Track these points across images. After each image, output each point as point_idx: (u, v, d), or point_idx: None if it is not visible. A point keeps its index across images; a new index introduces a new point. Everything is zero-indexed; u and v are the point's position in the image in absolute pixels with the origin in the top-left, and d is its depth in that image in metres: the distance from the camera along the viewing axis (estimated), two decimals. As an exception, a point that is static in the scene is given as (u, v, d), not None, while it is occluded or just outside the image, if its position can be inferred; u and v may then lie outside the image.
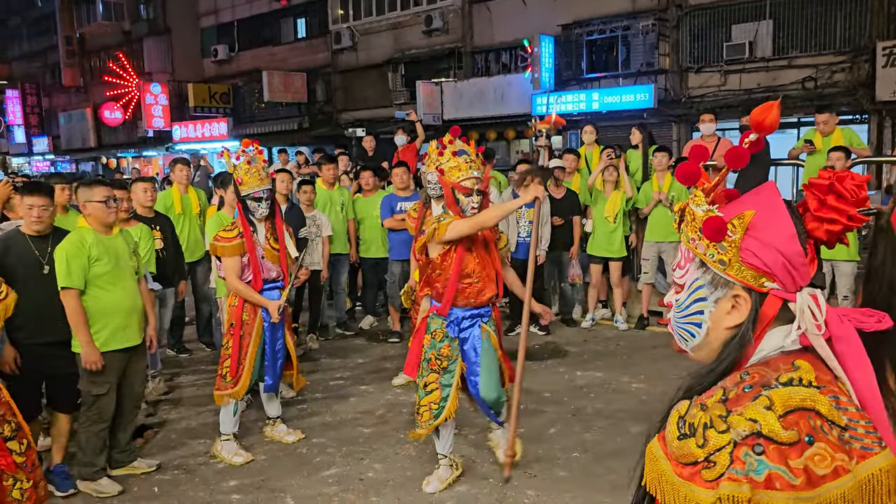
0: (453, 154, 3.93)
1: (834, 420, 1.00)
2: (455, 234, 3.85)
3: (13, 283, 3.98)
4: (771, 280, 1.13)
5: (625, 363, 6.56)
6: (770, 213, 1.15)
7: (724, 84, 15.62)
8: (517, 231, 7.39)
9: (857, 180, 1.13)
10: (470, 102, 18.71)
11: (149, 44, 29.79)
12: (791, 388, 1.03)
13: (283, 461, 4.72)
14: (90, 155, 32.32)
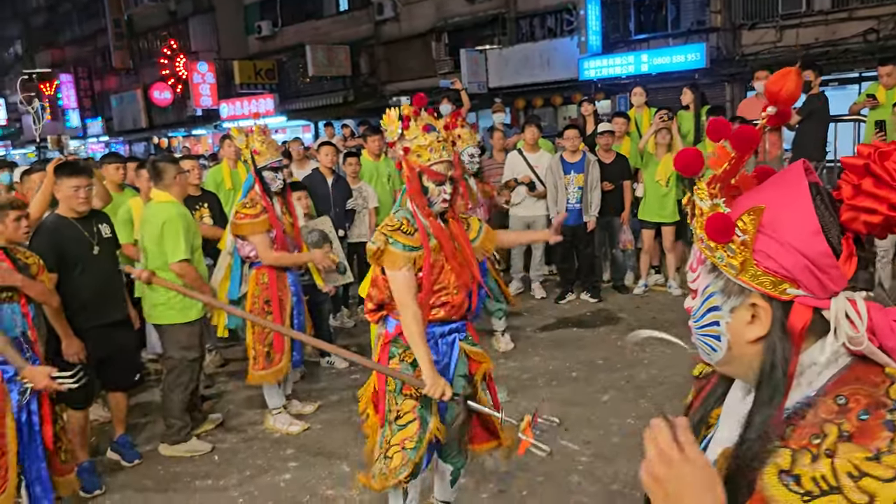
0: (423, 129, 3.01)
1: None
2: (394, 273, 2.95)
3: (70, 268, 4.08)
4: (794, 286, 0.94)
5: (679, 330, 6.41)
6: (789, 205, 0.95)
7: (779, 40, 15.02)
8: (566, 197, 7.29)
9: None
10: (515, 69, 18.41)
11: (194, 23, 30.08)
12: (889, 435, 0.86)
13: (339, 429, 4.77)
14: (142, 135, 32.98)
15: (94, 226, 4.26)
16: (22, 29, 44.84)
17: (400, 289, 2.91)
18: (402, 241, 2.91)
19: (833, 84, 13.80)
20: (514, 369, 5.67)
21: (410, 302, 2.91)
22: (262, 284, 4.61)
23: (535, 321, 6.97)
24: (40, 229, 4.15)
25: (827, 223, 0.94)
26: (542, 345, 6.25)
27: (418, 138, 3.01)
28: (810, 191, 0.95)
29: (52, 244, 4.04)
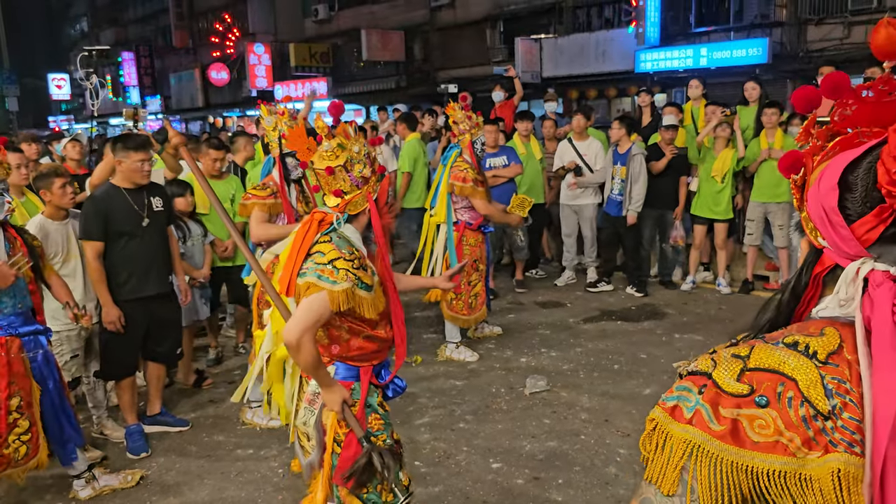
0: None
1: (811, 399, 0.88)
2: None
3: (117, 238, 4.16)
4: (821, 236, 0.98)
5: (726, 328, 6.29)
6: (841, 158, 0.95)
7: (847, 37, 14.51)
8: (610, 188, 7.38)
9: None
10: (570, 59, 18.20)
11: (253, 5, 30.48)
12: (782, 350, 0.93)
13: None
14: (198, 115, 33.63)
15: (146, 198, 4.29)
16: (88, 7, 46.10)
17: (313, 320, 2.37)
18: (366, 280, 2.45)
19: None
20: (555, 359, 5.63)
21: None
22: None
23: (579, 312, 6.90)
24: (92, 197, 4.25)
25: (858, 185, 0.93)
26: (585, 336, 6.19)
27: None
28: (869, 152, 0.93)
29: (99, 212, 4.10)
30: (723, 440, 0.89)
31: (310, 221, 2.53)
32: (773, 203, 7.00)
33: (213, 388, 5.30)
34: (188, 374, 5.33)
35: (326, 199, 2.54)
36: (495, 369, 5.46)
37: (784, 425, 0.88)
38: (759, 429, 0.88)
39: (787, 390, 0.89)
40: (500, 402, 4.83)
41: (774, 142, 6.94)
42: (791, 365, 0.91)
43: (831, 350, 0.92)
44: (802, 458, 0.87)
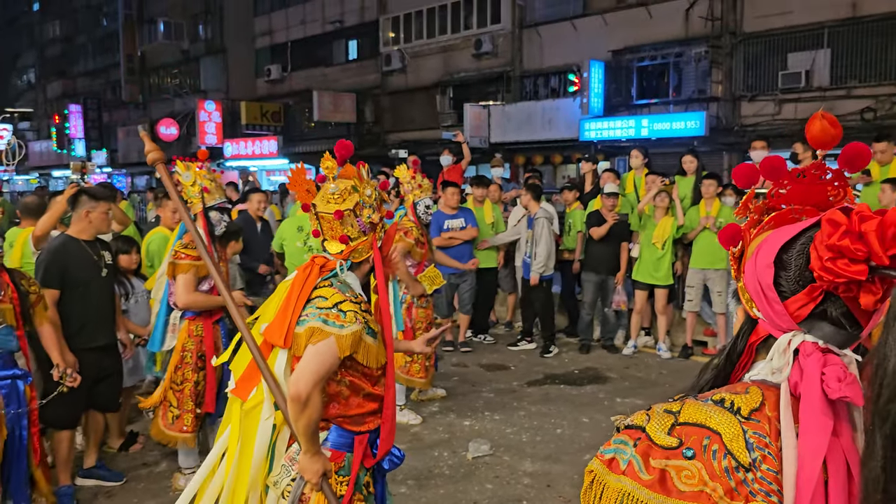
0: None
1: (734, 452, 0.95)
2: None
3: (73, 288, 4.14)
4: (756, 308, 1.06)
5: (666, 392, 6.38)
6: (777, 236, 1.03)
7: (778, 113, 15.33)
8: (525, 251, 7.72)
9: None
10: (517, 126, 18.71)
11: (205, 63, 30.66)
12: (710, 406, 1.00)
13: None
14: (145, 169, 33.21)
15: (100, 251, 4.36)
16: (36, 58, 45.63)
17: (324, 370, 2.18)
18: (372, 325, 2.32)
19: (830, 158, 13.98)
20: (498, 423, 5.61)
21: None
22: (197, 337, 4.23)
23: (523, 375, 6.92)
24: (49, 247, 4.27)
25: (792, 265, 1.01)
26: (529, 399, 6.20)
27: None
28: (802, 234, 1.02)
29: (59, 262, 4.14)
30: (651, 489, 0.94)
31: (310, 267, 2.35)
32: (712, 270, 7.22)
33: (147, 452, 5.10)
34: (118, 436, 5.12)
35: (329, 245, 2.38)
36: (438, 433, 5.41)
37: (708, 476, 0.93)
38: (685, 479, 0.94)
39: (712, 443, 0.95)
40: (442, 467, 4.77)
41: (712, 210, 7.21)
42: (716, 420, 0.97)
43: (754, 407, 0.98)
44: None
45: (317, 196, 2.41)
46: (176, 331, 4.27)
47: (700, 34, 16.21)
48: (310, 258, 2.41)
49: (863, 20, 14.20)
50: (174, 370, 4.22)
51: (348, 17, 25.11)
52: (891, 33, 13.96)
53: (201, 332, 4.26)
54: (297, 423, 2.16)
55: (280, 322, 2.26)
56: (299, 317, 2.24)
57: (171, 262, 4.19)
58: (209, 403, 4.28)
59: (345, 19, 25.24)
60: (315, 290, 2.29)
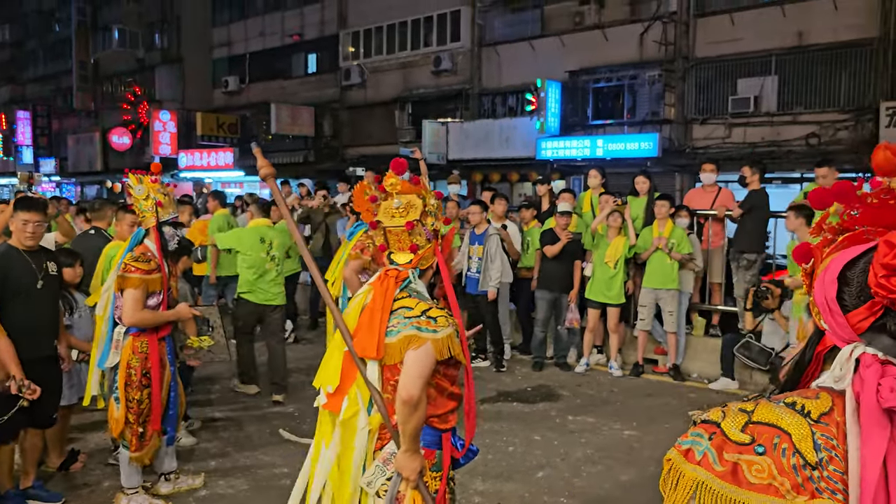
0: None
1: (802, 451, 1.03)
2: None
3: (11, 297, 4.04)
4: (823, 319, 1.13)
5: (617, 410, 6.45)
6: (843, 255, 1.12)
7: (728, 136, 15.74)
8: (467, 266, 7.84)
9: None
10: (475, 143, 18.84)
11: (161, 72, 30.19)
12: (781, 408, 1.08)
13: (267, 492, 4.61)
14: (96, 178, 32.50)
15: (42, 261, 4.28)
16: (-17, 62, 44.36)
17: (427, 372, 2.33)
18: (457, 328, 2.46)
19: (776, 182, 14.45)
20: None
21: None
22: (142, 354, 4.14)
23: (476, 393, 6.92)
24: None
25: (855, 281, 1.09)
26: (482, 417, 6.19)
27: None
28: (866, 253, 1.10)
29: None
30: (723, 479, 1.04)
31: (385, 279, 2.45)
32: (664, 290, 7.34)
33: (88, 471, 4.95)
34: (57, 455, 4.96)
35: (397, 257, 2.52)
36: (390, 451, 5.36)
37: (777, 471, 1.02)
38: (755, 472, 1.03)
39: (781, 442, 1.04)
40: (392, 486, 4.73)
41: (665, 231, 7.34)
42: (787, 421, 1.06)
43: (823, 411, 1.07)
44: (791, 501, 1.00)
45: (379, 213, 2.54)
46: (119, 347, 4.15)
47: (654, 58, 16.58)
48: (382, 272, 2.49)
49: (809, 49, 14.71)
50: (123, 388, 4.12)
51: (308, 31, 25.04)
52: (835, 62, 14.49)
53: (146, 348, 4.16)
54: (407, 424, 2.28)
55: (369, 335, 2.36)
56: (387, 329, 2.37)
57: (120, 276, 4.07)
58: (154, 421, 4.19)
59: (304, 32, 25.16)
60: (395, 302, 2.41)
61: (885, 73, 13.92)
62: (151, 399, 4.17)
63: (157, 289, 4.12)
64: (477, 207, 7.84)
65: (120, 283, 4.07)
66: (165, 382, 4.27)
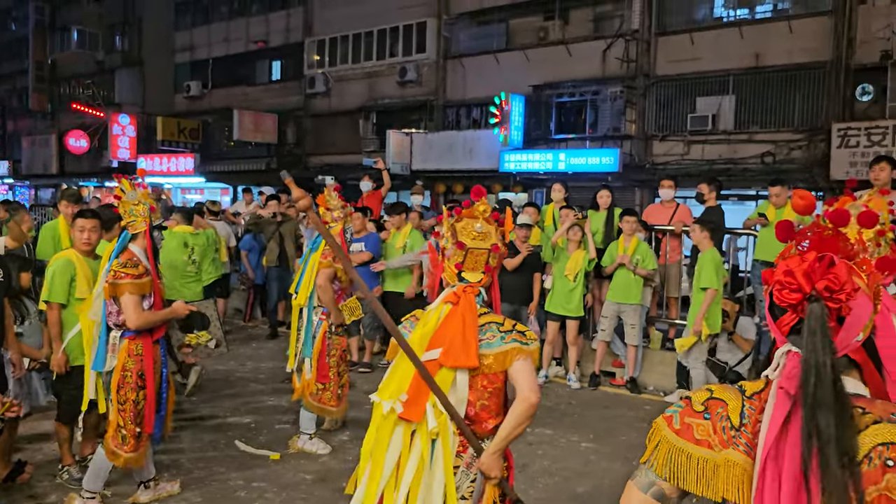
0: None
1: (731, 417, 1.44)
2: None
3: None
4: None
5: (575, 422, 6.51)
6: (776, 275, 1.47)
7: (686, 153, 16.06)
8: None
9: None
10: (439, 154, 18.91)
11: (121, 75, 29.71)
12: (731, 388, 1.49)
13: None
14: (51, 182, 31.77)
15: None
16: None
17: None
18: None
19: (732, 199, 14.78)
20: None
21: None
22: (137, 356, 4.21)
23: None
24: None
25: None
26: (440, 429, 6.19)
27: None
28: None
29: None
30: (678, 434, 1.47)
31: (464, 296, 2.62)
32: (626, 304, 7.43)
33: (35, 483, 4.82)
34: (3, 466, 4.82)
35: (469, 275, 2.69)
36: (348, 462, 5.32)
37: (713, 431, 1.44)
38: (700, 431, 1.45)
39: (723, 411, 1.45)
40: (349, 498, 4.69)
41: (629, 248, 7.45)
42: (729, 396, 1.47)
43: (756, 391, 1.45)
44: (718, 452, 1.42)
45: (461, 234, 2.71)
46: (116, 350, 4.19)
47: (616, 74, 16.86)
48: (459, 288, 2.65)
49: (765, 70, 15.12)
50: (117, 390, 4.15)
51: (273, 38, 24.89)
52: (790, 84, 14.91)
53: (141, 350, 4.20)
54: (519, 426, 2.57)
55: (464, 347, 2.52)
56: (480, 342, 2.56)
57: (111, 283, 4.08)
58: (148, 423, 4.23)
59: (269, 39, 25.01)
60: (481, 317, 2.61)
61: (837, 95, 14.36)
62: (147, 400, 4.22)
63: (147, 292, 4.18)
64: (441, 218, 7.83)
65: (112, 290, 4.09)
66: (159, 385, 4.31)
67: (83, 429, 4.94)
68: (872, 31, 13.91)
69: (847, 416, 1.28)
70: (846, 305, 1.33)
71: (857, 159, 13.21)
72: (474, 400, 2.60)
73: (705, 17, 16.40)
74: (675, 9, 16.48)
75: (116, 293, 4.08)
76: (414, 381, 2.56)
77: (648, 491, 1.51)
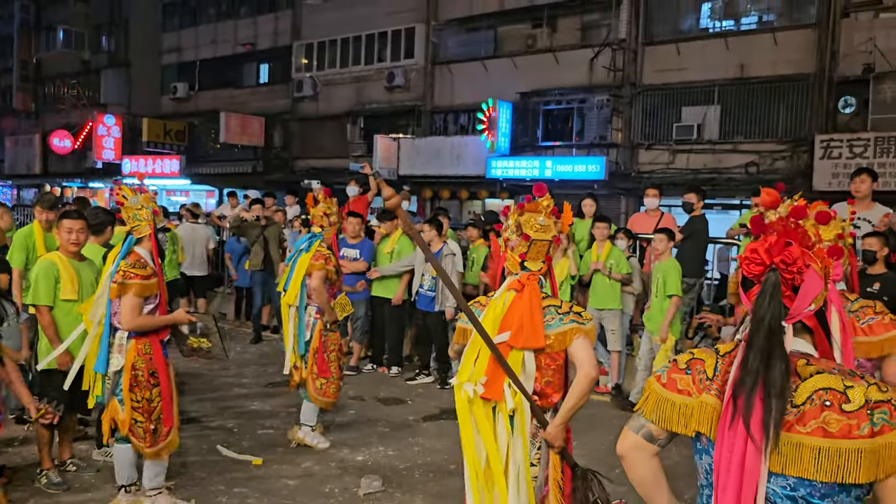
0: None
1: (706, 371, 1.82)
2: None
3: None
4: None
5: (559, 429, 6.51)
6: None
7: (671, 162, 16.17)
8: (420, 284, 7.84)
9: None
10: (426, 160, 18.93)
11: (107, 75, 29.53)
12: (709, 350, 1.87)
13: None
14: (34, 182, 31.48)
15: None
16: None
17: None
18: None
19: (717, 208, 14.90)
20: (392, 458, 5.57)
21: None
22: (146, 355, 4.27)
23: (420, 410, 6.92)
24: None
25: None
26: (424, 435, 6.19)
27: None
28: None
29: None
30: (664, 386, 1.87)
31: (528, 283, 2.90)
32: (607, 310, 7.47)
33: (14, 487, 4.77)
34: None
35: (530, 264, 2.97)
36: (331, 468, 5.32)
37: (691, 382, 1.82)
38: (681, 383, 1.84)
39: (701, 367, 1.83)
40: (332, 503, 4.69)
41: (602, 254, 7.49)
42: (706, 356, 1.85)
43: (728, 351, 1.83)
44: (695, 398, 1.80)
45: (525, 227, 2.98)
46: (123, 351, 4.23)
47: (603, 83, 16.96)
48: (523, 276, 2.93)
49: (750, 81, 15.27)
50: (129, 390, 4.20)
51: (261, 41, 24.84)
52: (774, 95, 15.06)
53: (150, 349, 4.26)
54: (581, 399, 2.83)
55: (532, 330, 2.81)
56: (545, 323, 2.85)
57: (120, 283, 4.13)
58: (167, 418, 4.31)
59: (257, 42, 24.96)
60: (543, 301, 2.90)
61: (820, 107, 14.52)
62: (162, 397, 4.28)
63: (154, 293, 4.26)
64: (430, 226, 7.85)
65: (119, 289, 4.14)
66: (172, 382, 4.40)
67: (58, 432, 4.89)
68: (855, 45, 14.09)
69: (781, 364, 1.65)
70: (798, 277, 1.68)
71: (839, 170, 13.36)
72: (540, 377, 2.87)
73: (691, 27, 16.55)
74: (662, 19, 16.61)
75: (123, 293, 4.13)
76: (490, 364, 2.80)
77: (639, 432, 1.90)
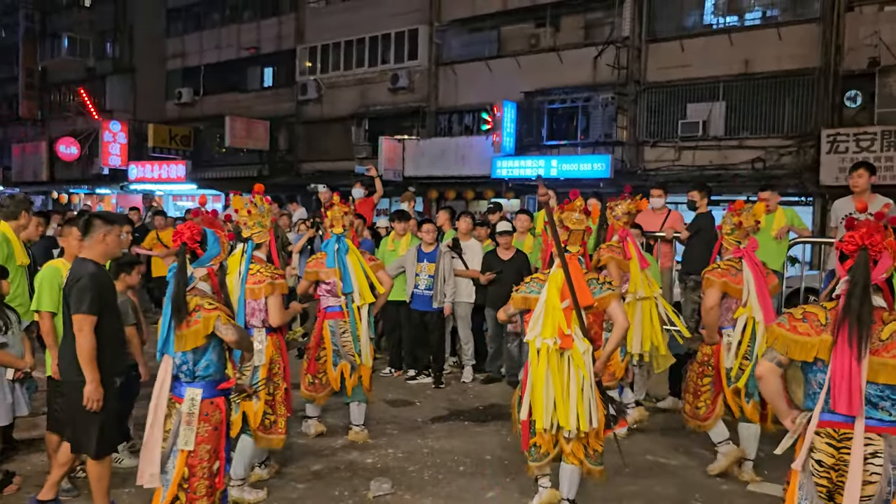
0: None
1: (819, 319, 2.77)
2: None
3: None
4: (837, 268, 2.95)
5: (568, 428, 6.49)
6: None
7: (677, 159, 16.13)
8: (415, 283, 7.78)
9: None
10: (431, 161, 18.93)
11: (112, 82, 29.64)
12: (818, 305, 2.83)
13: None
14: (41, 189, 31.61)
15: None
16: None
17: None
18: None
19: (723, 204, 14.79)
20: (401, 460, 5.57)
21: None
22: (279, 350, 4.80)
23: (428, 411, 6.91)
24: None
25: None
26: (433, 436, 6.18)
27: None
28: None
29: None
30: (788, 331, 2.81)
31: (571, 261, 3.97)
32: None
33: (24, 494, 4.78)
34: None
35: (571, 247, 4.13)
36: (340, 471, 5.31)
37: (810, 327, 2.77)
38: (801, 328, 2.78)
39: (814, 317, 2.78)
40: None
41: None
42: (816, 309, 2.81)
43: (832, 307, 2.77)
44: (815, 337, 2.75)
45: (566, 221, 4.18)
46: (263, 346, 4.65)
47: (607, 81, 16.93)
48: (568, 257, 3.99)
49: (754, 77, 15.21)
50: (265, 382, 4.60)
51: (265, 45, 24.90)
52: (779, 90, 15.01)
53: (280, 344, 4.79)
54: (618, 343, 4.14)
55: (584, 293, 3.93)
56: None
57: (270, 283, 4.59)
58: (289, 406, 4.85)
59: (261, 46, 25.01)
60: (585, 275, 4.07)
61: (826, 101, 14.46)
62: (287, 386, 4.80)
63: (286, 292, 4.81)
64: (431, 226, 7.86)
65: (269, 289, 4.60)
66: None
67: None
68: (860, 38, 14.02)
69: (869, 307, 2.66)
70: (878, 255, 2.70)
71: (846, 165, 13.25)
72: (589, 328, 3.99)
73: (695, 24, 16.50)
74: (666, 16, 16.57)
75: (273, 293, 4.60)
76: (563, 321, 3.90)
77: (773, 360, 2.83)
